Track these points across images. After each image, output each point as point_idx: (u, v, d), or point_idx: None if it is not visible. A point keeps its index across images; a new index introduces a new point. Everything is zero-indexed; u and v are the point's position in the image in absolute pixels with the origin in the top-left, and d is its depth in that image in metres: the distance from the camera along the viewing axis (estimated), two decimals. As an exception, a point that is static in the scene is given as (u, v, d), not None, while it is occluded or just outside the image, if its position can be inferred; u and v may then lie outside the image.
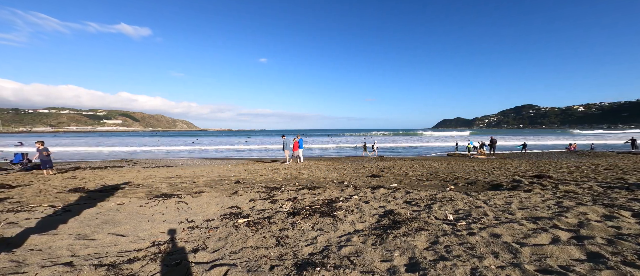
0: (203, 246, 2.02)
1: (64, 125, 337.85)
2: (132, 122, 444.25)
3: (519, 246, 1.79)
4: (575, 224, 2.20)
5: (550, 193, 3.64)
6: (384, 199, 3.48)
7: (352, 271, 1.54)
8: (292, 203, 3.32)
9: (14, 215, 2.84)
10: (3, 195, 4.19)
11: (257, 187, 4.89)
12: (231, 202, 3.56)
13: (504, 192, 3.98)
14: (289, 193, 4.08)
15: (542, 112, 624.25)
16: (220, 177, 6.83)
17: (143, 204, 3.48)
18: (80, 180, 6.13)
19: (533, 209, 2.75)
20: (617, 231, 2.00)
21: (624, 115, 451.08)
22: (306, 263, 1.65)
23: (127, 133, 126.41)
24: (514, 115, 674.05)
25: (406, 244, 1.90)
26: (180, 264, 1.72)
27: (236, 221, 2.57)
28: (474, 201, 3.18)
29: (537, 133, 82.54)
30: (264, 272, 1.59)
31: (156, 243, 2.11)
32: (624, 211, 2.49)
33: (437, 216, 2.62)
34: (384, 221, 2.48)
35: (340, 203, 3.21)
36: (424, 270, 1.52)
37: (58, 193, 4.39)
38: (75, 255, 1.90)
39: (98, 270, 1.60)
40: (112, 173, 7.72)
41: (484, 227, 2.20)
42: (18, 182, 5.90)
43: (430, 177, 6.79)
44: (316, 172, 8.15)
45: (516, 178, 5.84)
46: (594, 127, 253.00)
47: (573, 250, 1.71)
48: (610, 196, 3.35)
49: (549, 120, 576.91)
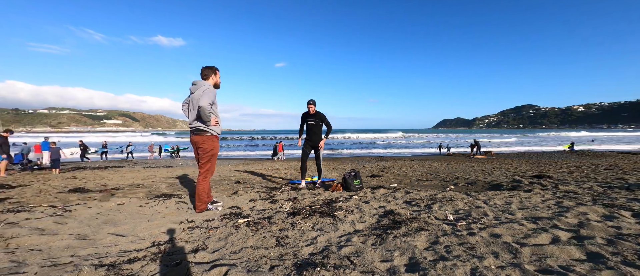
0: (203, 246, 2.02)
1: (63, 126, 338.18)
2: (132, 122, 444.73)
3: (519, 247, 1.79)
4: (575, 224, 2.20)
5: (550, 193, 3.64)
6: (384, 199, 3.48)
7: (352, 272, 1.54)
8: (292, 203, 3.32)
9: (14, 215, 2.84)
10: (3, 195, 4.18)
11: (257, 187, 4.89)
12: (231, 202, 3.56)
13: (504, 192, 3.98)
14: (289, 193, 4.08)
15: (542, 112, 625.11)
16: (220, 177, 6.84)
17: (143, 204, 3.48)
18: (80, 180, 6.13)
19: (533, 209, 2.75)
20: (617, 231, 2.00)
21: (624, 115, 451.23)
22: (306, 263, 1.65)
23: (126, 133, 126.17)
24: (514, 115, 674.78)
25: (406, 244, 1.90)
26: (180, 264, 1.72)
27: (236, 222, 2.57)
28: (474, 201, 3.18)
29: (534, 133, 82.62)
30: (264, 272, 1.59)
31: (156, 243, 2.11)
32: (624, 211, 2.49)
33: (437, 216, 2.62)
34: (384, 222, 2.48)
35: (340, 203, 3.21)
36: (424, 270, 1.52)
37: (58, 193, 4.39)
38: (75, 255, 1.90)
39: (98, 270, 1.60)
40: (112, 173, 7.72)
41: (484, 227, 2.20)
42: (18, 182, 5.90)
43: (430, 177, 6.79)
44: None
45: (516, 178, 5.85)
46: (594, 127, 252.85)
47: (573, 250, 1.71)
48: (611, 196, 3.35)
49: (549, 120, 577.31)
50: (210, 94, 2.90)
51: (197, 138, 3.03)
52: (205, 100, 2.84)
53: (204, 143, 3.02)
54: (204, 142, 3.02)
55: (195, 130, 3.02)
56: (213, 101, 2.97)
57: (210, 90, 2.93)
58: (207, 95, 2.87)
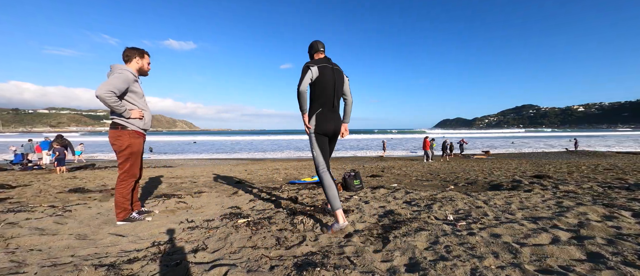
0: (203, 246, 2.02)
1: (63, 126, 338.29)
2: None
3: (519, 247, 1.79)
4: (575, 224, 2.20)
5: (550, 193, 3.64)
6: (384, 199, 3.48)
7: (352, 272, 1.54)
8: (292, 203, 3.32)
9: (13, 215, 2.84)
10: (3, 195, 4.19)
11: (257, 187, 4.89)
12: (231, 202, 3.56)
13: (504, 192, 3.98)
14: (288, 193, 4.08)
15: (542, 112, 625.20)
16: (220, 177, 6.84)
17: (143, 204, 3.48)
18: (80, 180, 6.13)
19: (533, 209, 2.75)
20: (617, 232, 2.00)
21: (624, 115, 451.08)
22: (306, 263, 1.65)
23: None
24: (514, 115, 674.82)
25: (406, 244, 1.89)
26: (180, 264, 1.72)
27: (236, 222, 2.57)
28: (474, 201, 3.18)
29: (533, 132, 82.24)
30: (264, 272, 1.59)
31: (156, 243, 2.11)
32: (624, 212, 2.49)
33: (437, 216, 2.61)
34: (384, 222, 2.48)
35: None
36: (424, 270, 1.52)
37: (58, 193, 4.39)
38: (75, 255, 1.90)
39: (98, 270, 1.60)
40: (112, 173, 7.72)
41: (484, 227, 2.20)
42: (18, 182, 5.90)
43: (430, 177, 6.79)
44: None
45: (516, 178, 5.84)
46: (594, 127, 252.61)
47: (573, 250, 1.71)
48: (610, 196, 3.35)
49: (549, 120, 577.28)
50: (115, 80, 2.39)
51: (110, 134, 2.57)
52: (104, 87, 2.31)
53: (117, 140, 2.56)
54: (117, 138, 2.56)
55: (110, 124, 2.57)
56: (124, 88, 2.45)
57: (120, 75, 2.44)
58: (110, 81, 2.37)
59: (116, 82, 2.40)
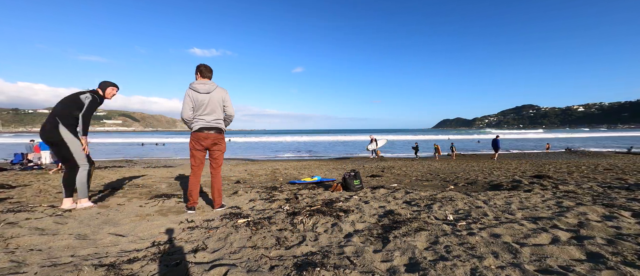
0: (203, 246, 2.02)
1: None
2: (132, 122, 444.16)
3: (519, 247, 1.79)
4: (575, 224, 2.20)
5: (550, 193, 3.64)
6: (384, 199, 3.48)
7: (352, 272, 1.54)
8: (292, 203, 3.32)
9: (13, 215, 2.84)
10: (3, 195, 4.18)
11: (257, 187, 4.89)
12: (231, 202, 3.56)
13: (504, 192, 3.98)
14: (288, 193, 4.08)
15: (542, 112, 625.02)
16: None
17: (143, 204, 3.48)
18: (80, 180, 6.12)
19: (533, 209, 2.75)
20: (617, 232, 2.00)
21: (624, 115, 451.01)
22: (306, 263, 1.65)
23: (127, 133, 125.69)
24: (514, 115, 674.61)
25: (406, 244, 1.89)
26: (180, 264, 1.72)
27: (236, 222, 2.57)
28: (474, 201, 3.18)
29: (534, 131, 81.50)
30: (264, 272, 1.59)
31: (156, 243, 2.11)
32: (624, 212, 2.49)
33: (437, 216, 2.62)
34: (384, 222, 2.48)
35: (340, 203, 3.21)
36: (424, 270, 1.52)
37: (58, 193, 4.39)
38: (75, 255, 1.90)
39: (98, 270, 1.60)
40: (112, 173, 7.72)
41: (484, 227, 2.20)
42: (18, 182, 5.90)
43: (430, 177, 6.79)
44: (316, 172, 8.15)
45: (516, 178, 5.85)
46: (594, 127, 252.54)
47: (573, 250, 1.71)
48: (610, 196, 3.35)
49: (549, 120, 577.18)
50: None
51: (219, 137, 3.17)
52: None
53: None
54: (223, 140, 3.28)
55: (218, 129, 3.14)
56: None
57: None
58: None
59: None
